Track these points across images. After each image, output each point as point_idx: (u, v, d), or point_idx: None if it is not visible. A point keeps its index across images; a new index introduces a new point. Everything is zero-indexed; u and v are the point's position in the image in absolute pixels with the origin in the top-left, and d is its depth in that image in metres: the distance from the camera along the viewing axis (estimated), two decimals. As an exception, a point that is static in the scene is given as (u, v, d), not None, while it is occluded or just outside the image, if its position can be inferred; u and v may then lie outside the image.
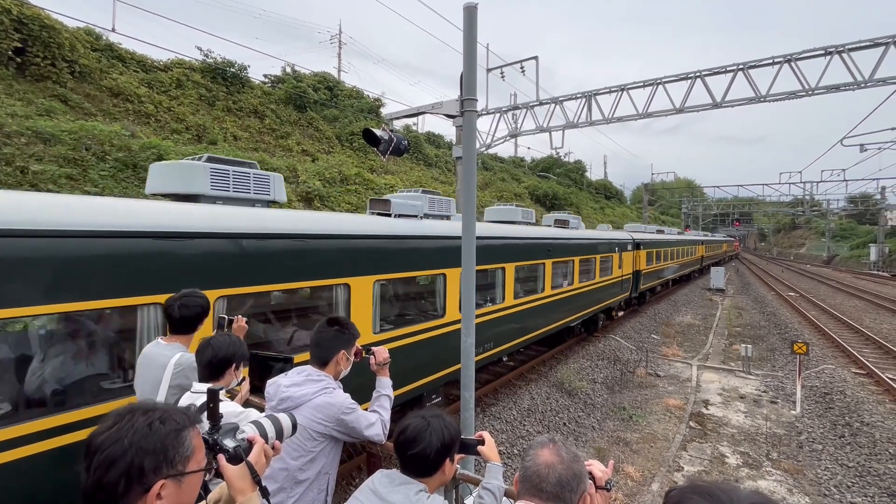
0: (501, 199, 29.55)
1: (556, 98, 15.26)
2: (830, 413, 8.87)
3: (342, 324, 2.40)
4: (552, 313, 9.81)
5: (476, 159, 4.02)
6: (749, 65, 12.32)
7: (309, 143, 19.58)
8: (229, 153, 13.82)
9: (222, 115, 17.17)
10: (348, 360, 2.40)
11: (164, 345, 2.65)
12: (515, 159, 48.95)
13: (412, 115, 5.80)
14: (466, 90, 3.85)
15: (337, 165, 17.82)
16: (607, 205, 53.98)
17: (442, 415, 1.69)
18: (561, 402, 8.89)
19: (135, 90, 14.64)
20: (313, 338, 2.35)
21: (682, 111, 13.37)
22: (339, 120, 23.02)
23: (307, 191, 14.79)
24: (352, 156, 21.06)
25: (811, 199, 49.50)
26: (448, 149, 30.64)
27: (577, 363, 11.25)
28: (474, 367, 3.84)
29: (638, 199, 66.48)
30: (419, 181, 22.64)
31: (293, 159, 17.06)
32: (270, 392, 2.26)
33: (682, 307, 21.62)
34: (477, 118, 3.98)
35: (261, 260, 4.02)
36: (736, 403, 9.60)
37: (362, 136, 5.23)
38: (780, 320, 17.67)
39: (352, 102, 24.68)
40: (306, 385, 2.20)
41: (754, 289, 28.84)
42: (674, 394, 10.14)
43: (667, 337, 15.45)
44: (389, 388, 2.52)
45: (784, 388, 10.33)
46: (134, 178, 10.73)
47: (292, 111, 20.76)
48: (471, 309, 3.80)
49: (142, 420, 1.04)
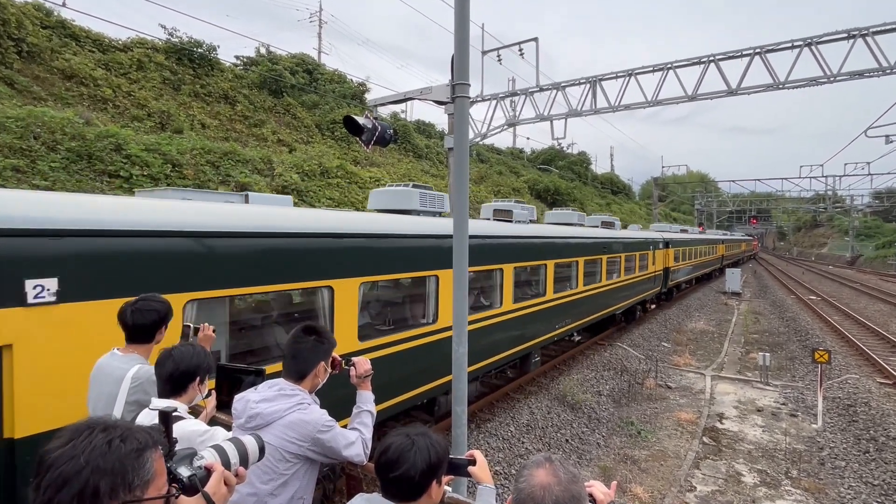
0: (498, 194, 29.62)
1: (558, 84, 15.32)
2: (854, 427, 9.00)
3: (320, 332, 2.38)
4: (607, 300, 13.13)
5: (469, 150, 4.02)
6: (767, 49, 12.47)
7: (286, 132, 19.47)
8: (196, 142, 13.70)
9: (189, 100, 17.02)
10: (327, 372, 2.39)
11: (120, 356, 2.60)
12: (514, 150, 49.10)
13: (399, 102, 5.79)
14: (458, 74, 3.85)
15: (317, 157, 17.74)
16: (614, 200, 54.34)
17: (428, 432, 1.68)
18: (563, 417, 8.92)
19: (90, 72, 14.45)
20: (289, 349, 2.33)
21: (695, 98, 13.49)
22: (320, 106, 22.92)
23: (284, 185, 14.70)
24: (333, 146, 20.98)
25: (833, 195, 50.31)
26: (440, 139, 30.66)
27: (581, 374, 11.29)
28: (467, 381, 3.84)
29: (647, 195, 67.03)
30: (408, 174, 22.62)
31: (268, 150, 16.95)
32: (238, 409, 2.23)
33: (694, 312, 21.81)
34: (470, 105, 3.97)
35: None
36: (753, 417, 9.70)
37: (343, 124, 5.20)
38: (800, 326, 17.90)
39: (333, 87, 24.58)
40: (278, 401, 2.18)
41: (773, 292, 29.19)
42: (686, 407, 10.22)
43: (678, 345, 15.58)
44: (371, 403, 2.50)
45: (804, 399, 10.46)
46: (88, 169, 10.59)
47: (267, 97, 20.63)
48: (463, 316, 3.79)
49: (101, 437, 1.02)
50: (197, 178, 12.50)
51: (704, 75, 13.38)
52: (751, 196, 58.75)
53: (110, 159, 11.04)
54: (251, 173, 14.21)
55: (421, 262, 6.09)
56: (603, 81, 14.71)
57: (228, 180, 13.10)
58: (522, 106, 15.83)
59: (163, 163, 11.89)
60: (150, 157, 11.80)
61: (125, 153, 11.38)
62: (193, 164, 12.81)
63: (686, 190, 61.95)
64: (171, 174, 11.92)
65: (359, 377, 2.53)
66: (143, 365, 2.54)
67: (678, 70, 13.73)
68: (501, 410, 8.88)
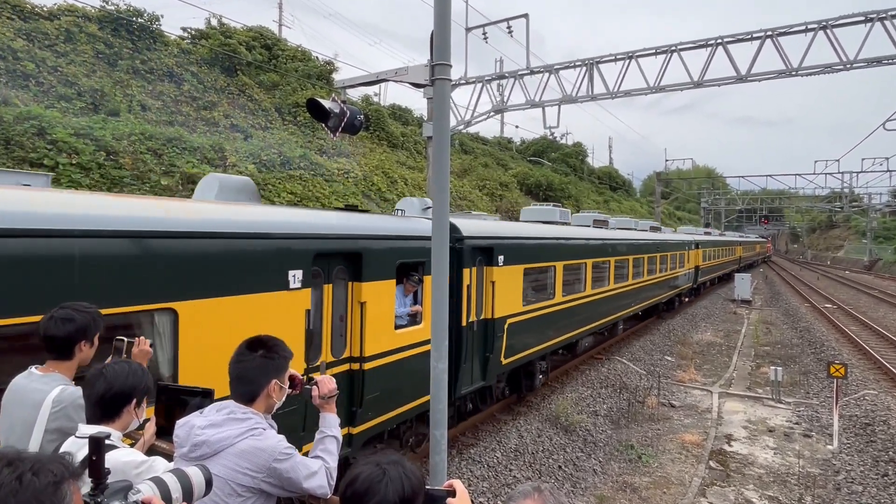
0: (484, 189, 29.76)
1: (551, 66, 15.48)
2: (872, 447, 9.28)
3: (269, 346, 2.33)
4: (656, 290, 19.05)
5: (451, 139, 4.03)
6: (779, 31, 12.83)
7: (241, 116, 19.22)
8: (135, 126, 13.41)
9: (127, 78, 16.66)
10: (282, 390, 2.35)
11: (38, 375, 2.51)
12: (501, 140, 49.44)
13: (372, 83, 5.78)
14: (438, 53, 3.85)
15: (276, 145, 17.55)
16: (612, 197, 55.15)
17: (401, 460, 1.66)
18: (556, 441, 8.99)
19: (9, 43, 14.03)
20: (232, 369, 2.29)
21: (701, 85, 13.79)
22: (280, 87, 22.69)
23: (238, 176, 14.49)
24: (296, 133, 20.80)
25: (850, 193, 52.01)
26: (418, 126, 30.66)
27: (576, 392, 11.40)
28: (447, 401, 3.84)
29: (649, 191, 68.21)
30: (381, 166, 22.56)
31: (220, 136, 16.71)
32: (181, 435, 2.18)
33: (700, 322, 22.24)
34: (452, 88, 3.99)
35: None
36: (764, 438, 9.93)
37: (307, 108, 5.16)
38: (814, 337, 18.43)
39: (296, 66, 24.38)
40: (227, 426, 2.13)
41: (785, 299, 29.98)
42: (691, 428, 10.41)
43: (683, 358, 15.87)
44: (336, 428, 2.47)
45: (819, 418, 10.76)
46: (6, 156, 10.26)
47: (219, 75, 20.33)
48: (443, 327, 3.79)
49: (7, 473, 0.98)
50: (135, 168, 12.24)
51: (712, 60, 13.69)
52: (761, 194, 60.34)
53: (32, 145, 10.72)
54: (200, 163, 13.97)
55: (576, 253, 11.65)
56: (601, 64, 14.92)
57: (173, 171, 12.86)
58: (511, 90, 15.94)
59: (95, 150, 11.60)
60: (80, 143, 11.50)
61: (50, 138, 11.07)
62: (132, 151, 12.54)
63: (691, 186, 63.26)
64: (105, 163, 11.64)
65: (322, 397, 2.49)
66: (67, 386, 2.47)
67: (683, 53, 14.02)
68: (486, 434, 8.90)
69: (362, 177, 20.36)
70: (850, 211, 64.03)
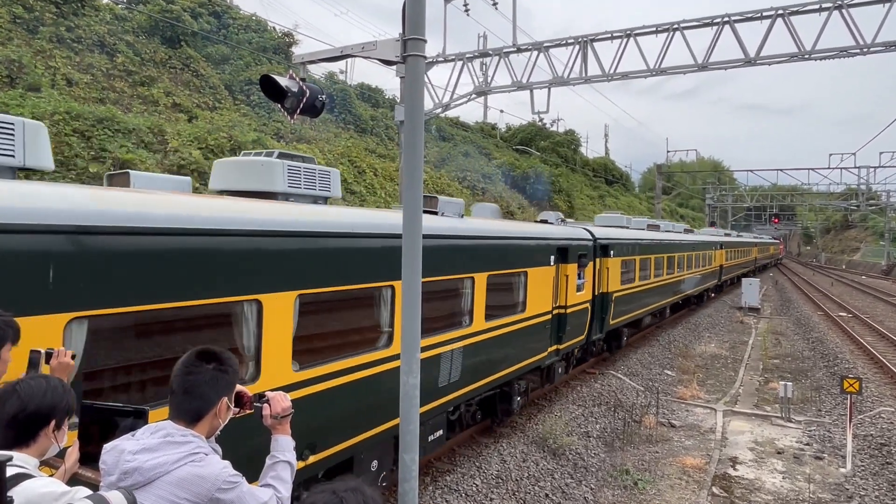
0: (464, 181, 29.85)
1: (540, 44, 15.62)
2: (888, 470, 9.59)
3: (221, 358, 2.32)
4: (690, 285, 24.66)
5: (427, 124, 4.04)
6: (791, 10, 13.17)
7: (184, 94, 18.92)
8: (59, 104, 13.10)
9: (49, 47, 16.25)
10: (229, 410, 2.33)
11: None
12: (484, 126, 49.66)
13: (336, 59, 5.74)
14: (411, 26, 3.86)
15: (226, 127, 17.33)
16: (608, 192, 55.90)
17: (361, 487, 1.66)
18: (543, 466, 9.06)
19: None
20: (179, 381, 2.26)
21: (706, 68, 14.08)
22: (231, 62, 22.42)
23: (180, 163, 14.28)
24: (248, 114, 20.57)
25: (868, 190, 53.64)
26: (389, 109, 30.58)
27: (566, 410, 11.52)
28: (418, 421, 3.85)
29: (649, 186, 69.32)
30: (347, 153, 22.46)
31: (159, 116, 16.44)
32: (108, 462, 2.15)
33: (704, 332, 22.68)
34: (428, 66, 4.00)
35: None
36: (772, 461, 10.18)
37: (260, 85, 5.12)
38: (827, 349, 18.95)
39: (249, 37, 24.11)
40: (164, 450, 2.10)
41: (797, 307, 30.77)
42: (692, 450, 10.60)
43: (684, 373, 16.16)
44: (290, 451, 2.46)
45: (832, 438, 11.07)
46: None
47: (159, 46, 19.99)
48: (415, 338, 3.81)
49: None
50: (60, 153, 11.95)
51: (718, 40, 13.99)
52: (772, 190, 61.79)
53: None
54: (135, 147, 13.72)
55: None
56: (595, 43, 15.12)
57: (103, 156, 12.60)
58: (496, 70, 16.06)
59: (11, 130, 11.28)
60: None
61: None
62: (54, 133, 12.24)
63: (695, 181, 64.48)
64: (23, 146, 11.33)
65: (274, 417, 2.48)
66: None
67: (686, 32, 14.29)
68: (465, 459, 8.92)
69: (325, 165, 20.22)
70: (867, 209, 66.02)
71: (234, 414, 2.40)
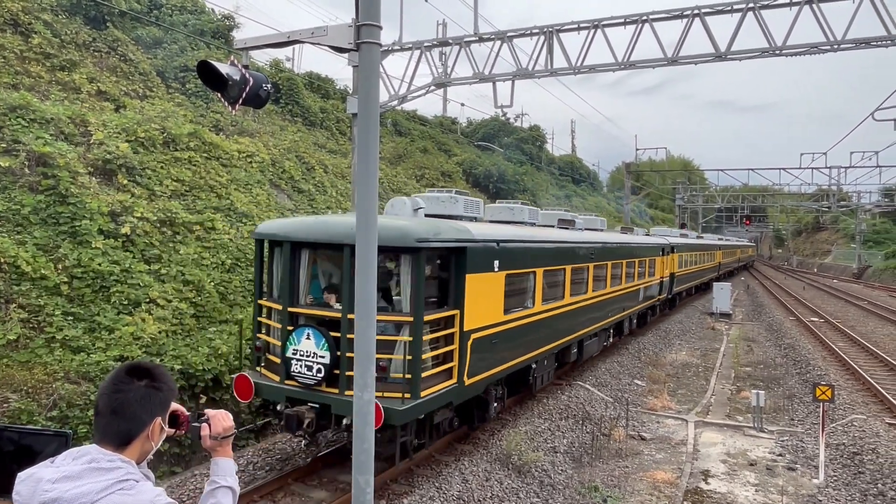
0: (422, 179, 29.87)
1: (503, 33, 15.79)
2: (860, 480, 10.04)
3: (154, 374, 2.25)
4: (701, 275, 38.75)
5: (383, 117, 4.04)
6: (762, 3, 13.67)
7: (110, 81, 18.36)
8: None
9: (-46, 25, 15.52)
10: (163, 431, 2.27)
11: None
12: (444, 120, 49.83)
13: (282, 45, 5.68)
14: (365, 11, 3.85)
15: (159, 119, 16.90)
16: (575, 191, 56.86)
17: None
18: (507, 485, 9.12)
19: None
20: (106, 400, 2.18)
21: (676, 62, 14.48)
22: (164, 46, 21.88)
23: (106, 157, 13.85)
24: (184, 104, 20.10)
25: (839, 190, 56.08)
26: (341, 100, 30.35)
27: (531, 425, 11.64)
28: (373, 439, 3.83)
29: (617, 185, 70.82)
30: (295, 148, 22.19)
31: (82, 105, 15.90)
32: (23, 493, 2.06)
33: (675, 339, 23.28)
34: (384, 55, 4.00)
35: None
36: (744, 473, 10.51)
37: (198, 72, 5.01)
38: (799, 355, 19.71)
39: (185, 19, 23.58)
40: (88, 478, 2.03)
41: (768, 312, 31.91)
42: (663, 463, 10.85)
43: (655, 382, 16.54)
44: (233, 476, 2.40)
45: (804, 448, 11.52)
46: None
47: (82, 27, 19.35)
48: (370, 348, 3.78)
49: None
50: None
51: (687, 33, 14.41)
52: (743, 190, 63.89)
53: None
54: (54, 139, 13.23)
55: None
56: (561, 33, 15.37)
57: (16, 149, 12.11)
58: (456, 61, 16.12)
59: None
60: None
61: None
62: (-40, 122, 11.70)
63: (665, 180, 66.21)
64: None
65: (214, 437, 2.43)
66: None
67: (656, 24, 14.68)
68: (423, 479, 8.91)
69: (270, 161, 19.96)
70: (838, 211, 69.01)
71: (168, 434, 2.34)
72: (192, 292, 12.76)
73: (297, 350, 8.20)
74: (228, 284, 13.79)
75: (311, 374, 8.09)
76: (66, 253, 11.21)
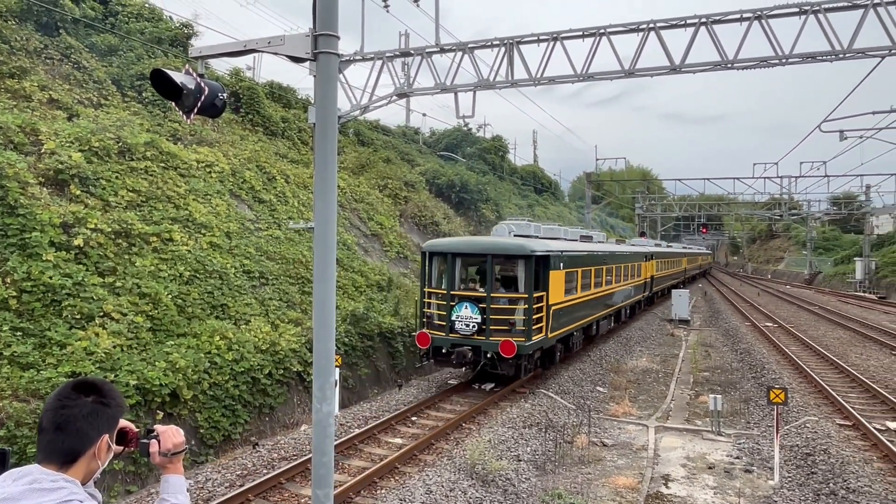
0: (385, 189, 29.80)
1: (465, 44, 15.91)
2: (813, 480, 10.32)
3: (102, 390, 2.18)
4: (672, 278, 45.27)
5: (343, 127, 4.02)
6: (714, 18, 14.11)
7: (63, 89, 17.87)
8: None
9: None
10: (110, 450, 2.20)
11: None
12: (406, 130, 49.87)
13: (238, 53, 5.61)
14: (323, 21, 3.84)
15: (113, 128, 16.50)
16: (537, 201, 57.41)
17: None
18: (471, 495, 9.11)
19: None
20: (50, 417, 2.10)
21: (633, 74, 14.80)
22: (119, 53, 21.42)
23: (58, 167, 13.45)
24: (141, 113, 19.68)
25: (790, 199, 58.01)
26: (302, 110, 30.13)
27: (494, 433, 11.66)
28: (333, 453, 3.78)
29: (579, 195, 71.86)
30: (255, 158, 21.91)
31: (32, 114, 15.43)
32: (-41, 517, 1.97)
33: (635, 346, 23.66)
34: (345, 65, 3.99)
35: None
36: (703, 476, 10.71)
37: (151, 80, 4.92)
38: (755, 360, 20.23)
39: (141, 26, 23.14)
40: (28, 499, 1.95)
41: (725, 318, 32.70)
42: (625, 469, 10.99)
43: (616, 388, 16.77)
44: (184, 493, 2.34)
45: (760, 450, 11.80)
46: None
47: (33, 33, 18.80)
48: (329, 359, 3.74)
49: None
50: None
51: (643, 47, 14.75)
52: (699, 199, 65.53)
53: None
54: (2, 149, 12.81)
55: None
56: (521, 45, 15.57)
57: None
58: (418, 71, 16.18)
59: None
60: None
61: None
62: None
63: (625, 189, 67.49)
64: None
65: (164, 454, 2.36)
66: None
67: (613, 38, 14.98)
68: (386, 490, 8.84)
69: (230, 171, 19.67)
70: (790, 219, 71.33)
71: (116, 453, 2.27)
72: (149, 305, 12.46)
73: (459, 315, 13.97)
74: (187, 297, 13.50)
75: (469, 329, 13.88)
76: (15, 266, 10.84)
